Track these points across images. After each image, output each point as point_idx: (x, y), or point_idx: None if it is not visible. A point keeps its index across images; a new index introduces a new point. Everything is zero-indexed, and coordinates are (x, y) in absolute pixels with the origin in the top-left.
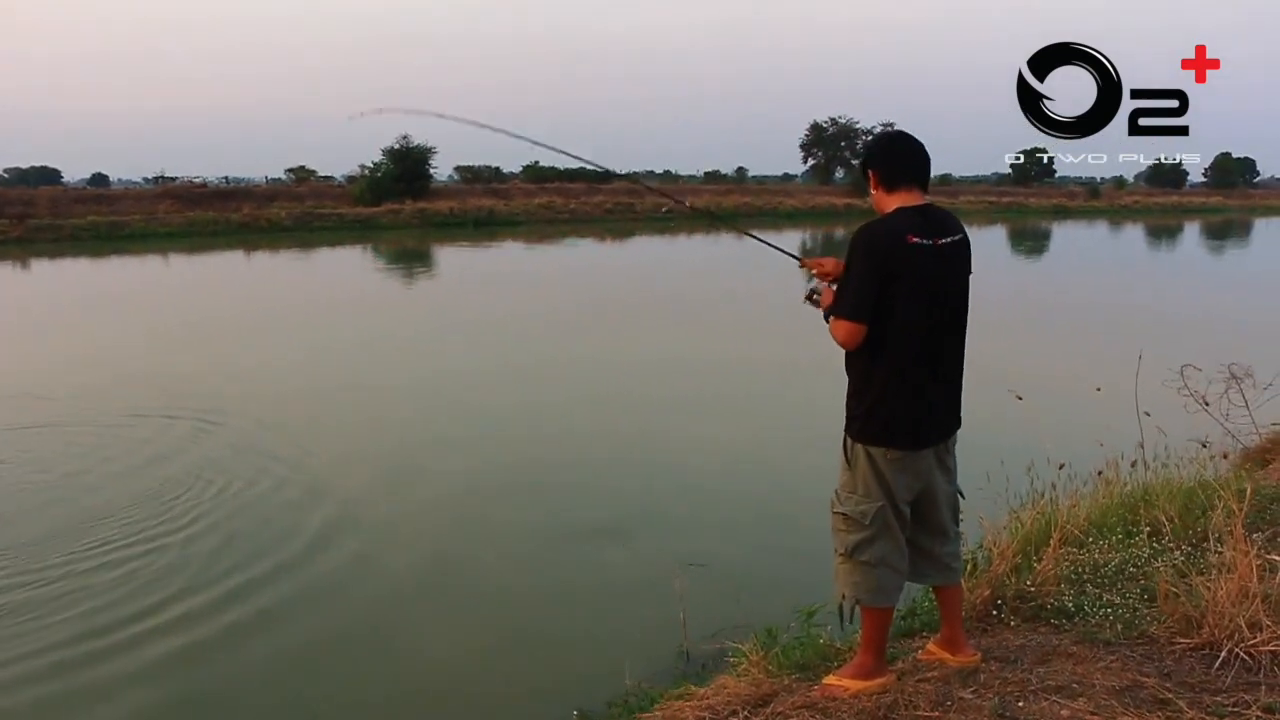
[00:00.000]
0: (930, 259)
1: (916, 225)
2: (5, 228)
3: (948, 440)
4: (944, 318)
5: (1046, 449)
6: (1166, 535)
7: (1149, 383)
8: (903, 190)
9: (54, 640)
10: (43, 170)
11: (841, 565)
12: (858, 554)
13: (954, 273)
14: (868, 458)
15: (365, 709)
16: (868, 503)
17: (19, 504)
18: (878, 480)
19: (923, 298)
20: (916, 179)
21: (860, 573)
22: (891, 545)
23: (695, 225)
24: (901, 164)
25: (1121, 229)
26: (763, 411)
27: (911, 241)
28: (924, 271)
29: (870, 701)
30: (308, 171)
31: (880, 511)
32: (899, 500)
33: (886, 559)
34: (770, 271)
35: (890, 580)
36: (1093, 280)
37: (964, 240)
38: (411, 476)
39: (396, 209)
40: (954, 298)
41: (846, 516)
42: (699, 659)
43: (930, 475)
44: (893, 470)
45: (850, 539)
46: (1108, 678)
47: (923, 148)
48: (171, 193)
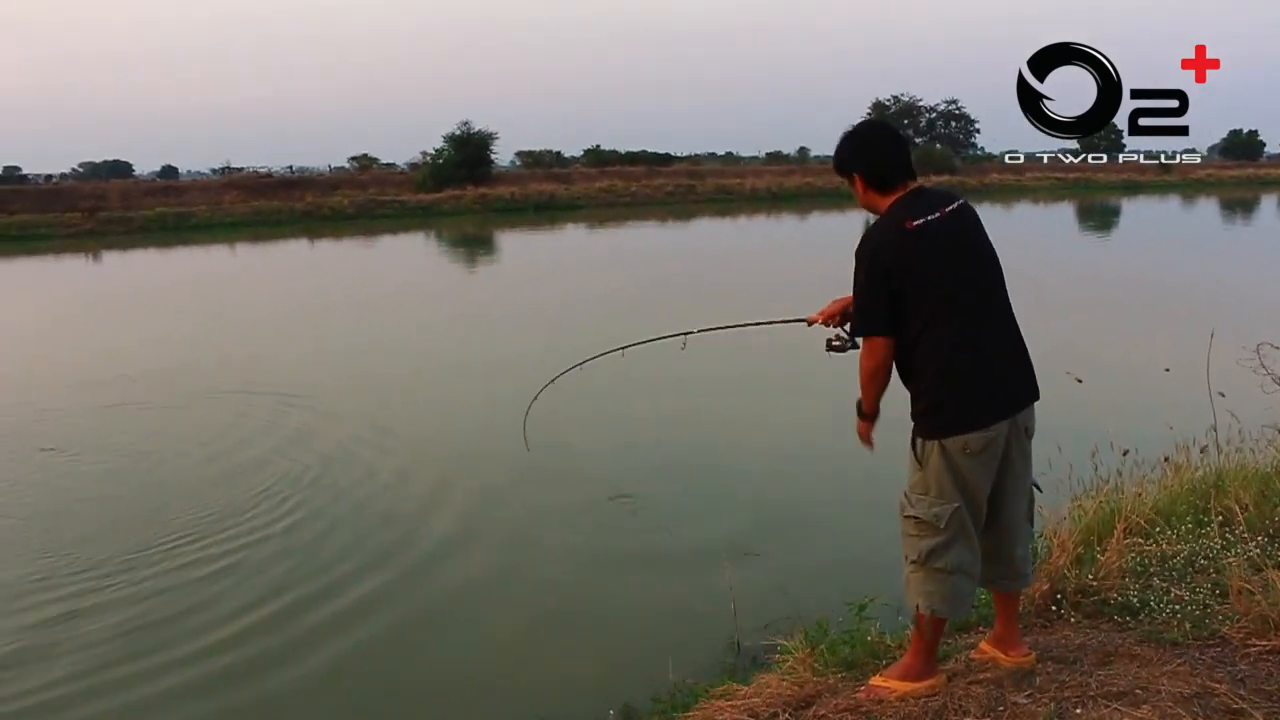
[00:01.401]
0: (937, 232)
1: (912, 209)
2: (78, 220)
3: (1024, 415)
4: (976, 283)
5: (1111, 434)
6: (1240, 525)
7: (1222, 363)
8: (900, 187)
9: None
10: (115, 164)
11: (914, 574)
12: (932, 561)
13: (968, 236)
14: (941, 453)
15: (412, 695)
16: (941, 504)
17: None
18: (953, 478)
19: (945, 273)
20: (907, 172)
21: (934, 581)
22: (967, 551)
23: (755, 207)
24: (887, 160)
25: (1194, 203)
26: (823, 395)
27: (911, 226)
28: (935, 246)
29: (917, 706)
30: (370, 159)
31: (956, 514)
32: (978, 495)
33: (962, 565)
34: (835, 257)
35: (965, 588)
36: (1163, 256)
37: (965, 205)
38: (470, 461)
39: (458, 195)
40: (979, 260)
41: (919, 520)
42: (750, 652)
43: (1006, 461)
44: (970, 462)
45: (923, 545)
46: (1174, 683)
47: (898, 133)
48: (236, 183)
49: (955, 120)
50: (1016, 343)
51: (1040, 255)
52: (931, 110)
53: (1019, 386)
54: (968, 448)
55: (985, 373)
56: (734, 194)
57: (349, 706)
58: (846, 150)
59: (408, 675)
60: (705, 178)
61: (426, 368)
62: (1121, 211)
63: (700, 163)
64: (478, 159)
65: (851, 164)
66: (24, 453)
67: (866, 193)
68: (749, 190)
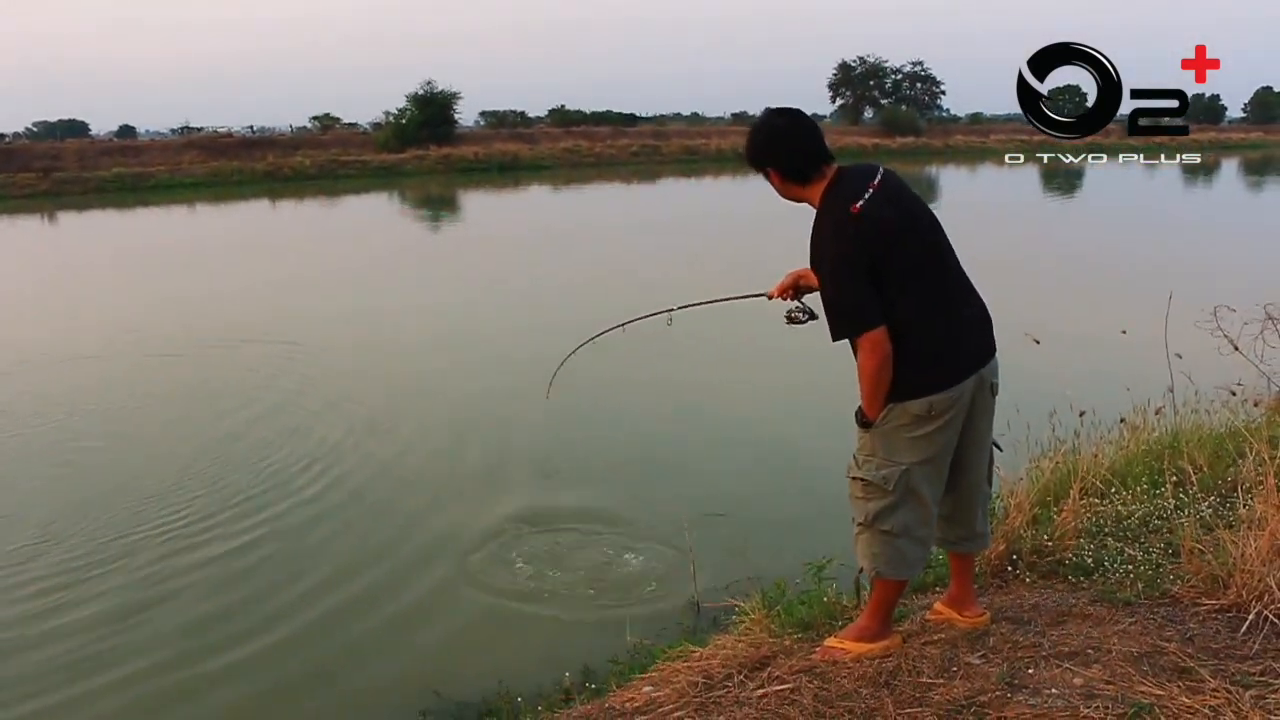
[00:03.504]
0: (880, 208)
1: (849, 192)
2: (32, 181)
3: (988, 370)
4: (926, 244)
5: (1069, 396)
6: (1194, 486)
7: (1180, 325)
8: (818, 176)
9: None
10: (71, 123)
11: (861, 535)
12: (879, 522)
13: (905, 203)
14: (894, 416)
15: (370, 668)
16: (889, 466)
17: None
18: (907, 441)
19: (898, 244)
20: (823, 157)
21: (880, 543)
22: (916, 513)
23: (720, 168)
24: (799, 149)
25: (1156, 167)
26: (786, 365)
27: (857, 210)
28: (883, 221)
29: (871, 667)
30: (332, 119)
31: (903, 475)
32: (941, 456)
33: (910, 528)
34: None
35: (914, 551)
36: (1122, 220)
37: (888, 172)
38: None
39: (421, 155)
40: (921, 221)
41: (866, 483)
42: (709, 613)
43: (970, 421)
44: (932, 424)
45: (870, 506)
46: (1125, 642)
47: (807, 118)
48: (196, 143)
49: (921, 82)
50: (973, 296)
51: (1004, 219)
52: (897, 72)
53: (981, 340)
54: (932, 409)
55: (948, 333)
56: (699, 154)
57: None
58: (756, 146)
59: (357, 653)
60: (670, 138)
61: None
62: (1085, 175)
63: (666, 123)
64: (441, 119)
65: (764, 159)
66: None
67: (786, 185)
68: (714, 150)
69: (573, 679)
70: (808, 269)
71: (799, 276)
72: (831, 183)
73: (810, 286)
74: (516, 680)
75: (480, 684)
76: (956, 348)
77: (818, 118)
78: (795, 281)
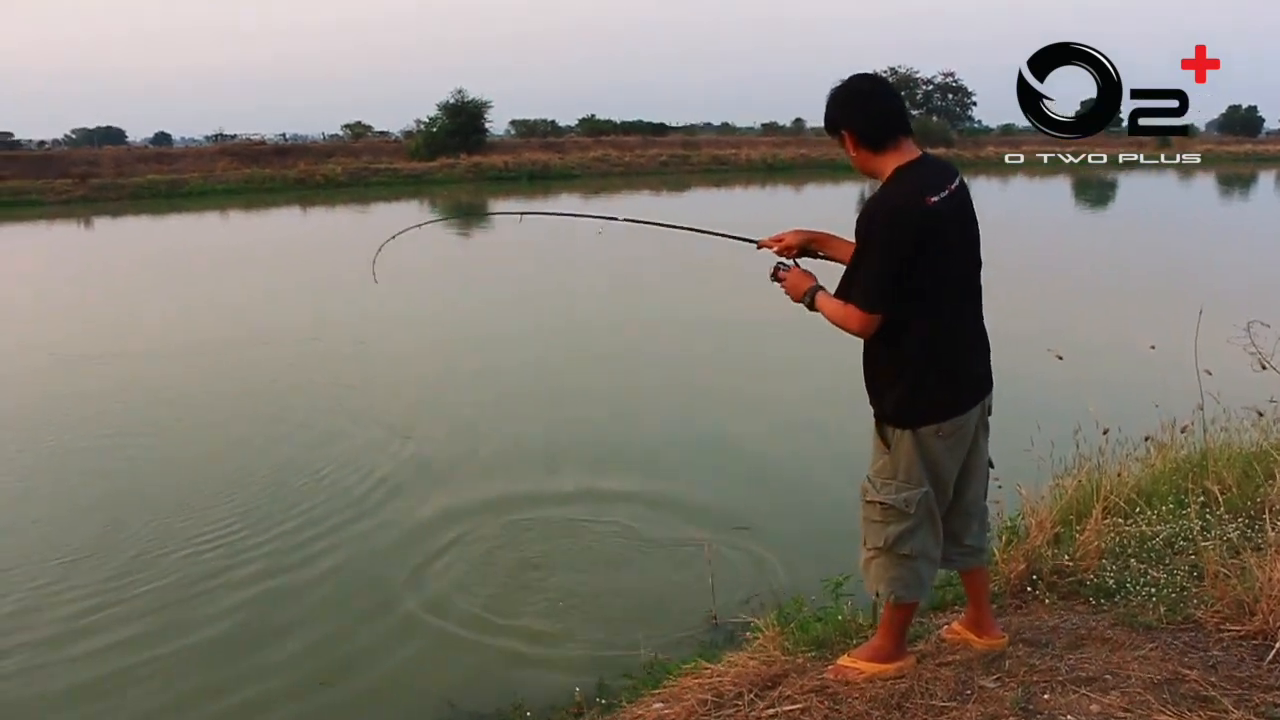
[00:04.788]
0: (950, 213)
1: (928, 182)
2: (69, 187)
3: (987, 400)
4: (968, 268)
5: (1094, 412)
6: (1220, 507)
7: (1211, 340)
8: (893, 146)
9: None
10: (108, 130)
11: (876, 560)
12: (899, 546)
13: (970, 220)
14: (914, 439)
15: (380, 679)
16: (910, 489)
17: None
18: (924, 462)
19: (950, 257)
20: (903, 126)
21: (898, 566)
22: (931, 535)
23: (750, 178)
24: (886, 114)
25: (1191, 179)
26: (819, 372)
27: (931, 203)
28: (948, 231)
29: (884, 688)
30: (364, 127)
31: (925, 498)
32: (946, 477)
33: (926, 550)
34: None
35: (928, 572)
36: (1155, 233)
37: (963, 182)
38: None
39: (451, 164)
40: (974, 246)
41: (886, 506)
42: (727, 628)
43: (973, 443)
44: (941, 445)
45: (890, 531)
46: (1145, 668)
47: (890, 84)
48: (230, 150)
49: (952, 93)
50: (983, 325)
51: (1032, 231)
52: (928, 83)
53: (986, 369)
54: (940, 432)
55: (965, 358)
56: (729, 164)
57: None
58: (835, 105)
59: (367, 663)
60: (700, 147)
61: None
62: (1118, 186)
63: (696, 133)
64: (472, 127)
65: (841, 119)
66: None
67: (859, 151)
68: (744, 160)
69: (585, 694)
70: (824, 234)
71: (811, 238)
72: (911, 163)
73: (818, 252)
74: (529, 693)
75: (493, 697)
76: (969, 374)
77: None
78: (804, 242)
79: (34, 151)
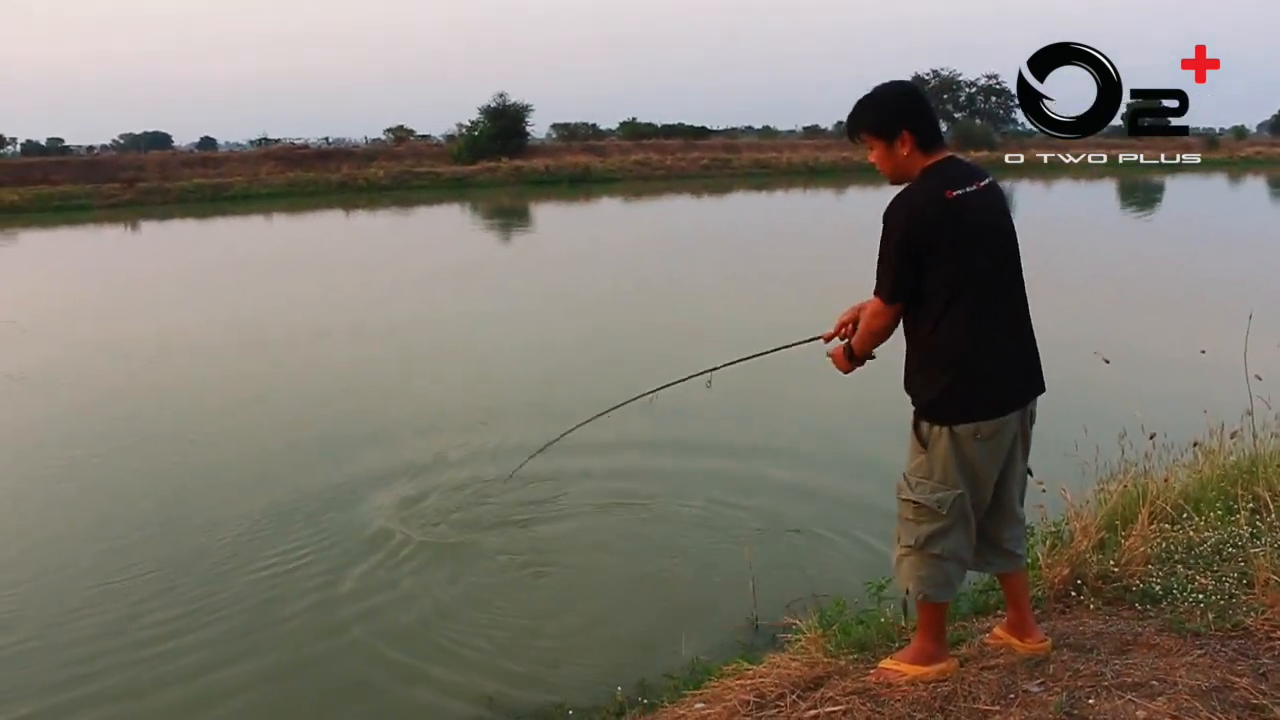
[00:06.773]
0: (976, 207)
1: (950, 177)
2: (117, 191)
3: (1030, 406)
4: (1003, 265)
5: (1140, 416)
6: (1271, 514)
7: (1262, 345)
8: (938, 149)
9: None
10: (154, 135)
11: (907, 557)
12: (930, 546)
13: (1001, 215)
14: (950, 439)
15: (422, 676)
16: (944, 490)
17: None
18: (959, 464)
19: (976, 251)
20: (942, 133)
21: (929, 566)
22: (964, 536)
23: (791, 181)
24: (933, 119)
25: (1241, 182)
26: (868, 378)
27: (951, 196)
28: (972, 222)
29: (927, 691)
30: (406, 131)
31: (959, 500)
32: (985, 480)
33: (958, 551)
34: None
35: (956, 573)
36: (1204, 236)
37: (995, 182)
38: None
39: (493, 167)
40: (1008, 242)
41: (919, 505)
42: (768, 630)
43: (1012, 448)
44: (980, 447)
45: (922, 530)
46: (1193, 675)
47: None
48: (273, 154)
49: (995, 95)
50: (1029, 330)
51: (1079, 233)
52: (971, 85)
53: (1032, 375)
54: (979, 433)
55: (1004, 358)
56: (770, 168)
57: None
58: (891, 107)
59: (409, 662)
60: (741, 151)
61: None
62: (1165, 190)
63: (737, 136)
64: (513, 131)
65: (904, 121)
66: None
67: (911, 155)
68: (785, 164)
69: (626, 693)
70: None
71: (857, 313)
72: (939, 162)
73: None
74: (571, 692)
75: (533, 695)
76: (1010, 376)
77: None
78: (853, 318)
79: (83, 157)
